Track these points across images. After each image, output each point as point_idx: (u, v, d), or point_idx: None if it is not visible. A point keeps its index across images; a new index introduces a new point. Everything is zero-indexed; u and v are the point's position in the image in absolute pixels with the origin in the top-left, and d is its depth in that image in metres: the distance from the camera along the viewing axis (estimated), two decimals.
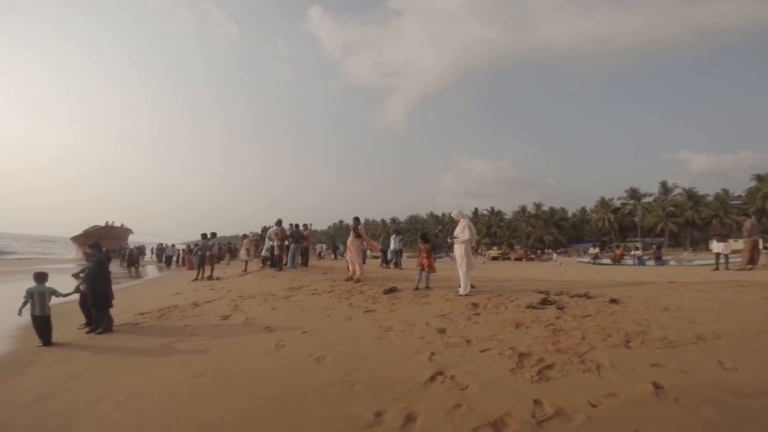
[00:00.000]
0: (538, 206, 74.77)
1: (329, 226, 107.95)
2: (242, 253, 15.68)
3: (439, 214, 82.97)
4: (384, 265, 13.65)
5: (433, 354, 3.26)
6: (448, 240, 9.73)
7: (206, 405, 2.64)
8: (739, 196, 55.28)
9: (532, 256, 33.87)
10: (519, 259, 30.98)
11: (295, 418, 2.34)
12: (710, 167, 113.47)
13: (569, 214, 74.53)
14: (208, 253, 12.61)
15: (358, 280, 8.20)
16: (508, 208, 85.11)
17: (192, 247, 18.73)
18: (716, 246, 10.81)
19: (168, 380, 3.18)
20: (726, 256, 10.51)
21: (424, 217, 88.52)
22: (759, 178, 53.61)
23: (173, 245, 26.04)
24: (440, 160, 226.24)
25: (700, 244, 47.21)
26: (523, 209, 75.40)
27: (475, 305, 5.22)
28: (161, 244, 26.37)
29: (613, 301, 5.03)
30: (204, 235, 13.14)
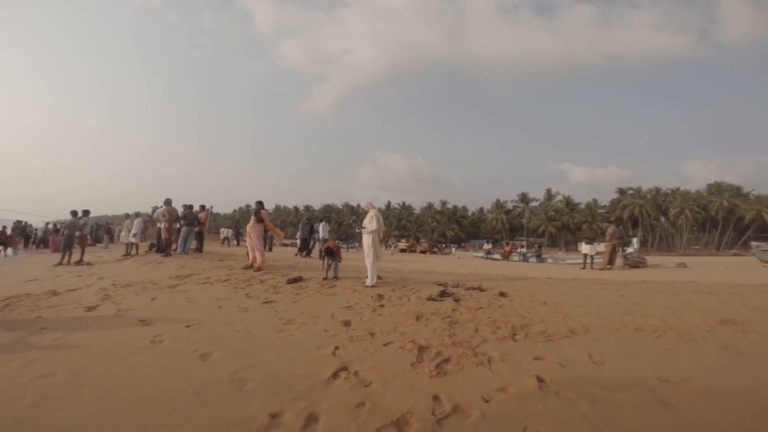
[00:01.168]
0: (443, 204, 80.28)
1: (235, 210, 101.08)
2: (122, 235, 13.69)
3: (355, 204, 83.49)
4: (301, 254, 13.10)
5: (337, 348, 3.12)
6: (356, 230, 9.70)
7: (57, 409, 2.12)
8: (605, 205, 66.35)
9: (435, 249, 35.99)
10: (424, 251, 32.65)
11: (171, 422, 1.99)
12: (585, 179, 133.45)
13: (469, 213, 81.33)
14: (77, 234, 10.71)
15: (259, 269, 7.68)
16: (418, 204, 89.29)
17: (58, 226, 15.81)
18: (584, 248, 12.69)
19: (6, 381, 2.52)
20: (591, 257, 12.40)
21: (339, 206, 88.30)
22: (621, 191, 65.11)
23: (27, 222, 21.55)
24: (360, 153, 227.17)
25: (571, 245, 55.41)
26: (430, 206, 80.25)
27: (380, 296, 5.23)
28: (20, 222, 21.61)
29: (502, 294, 5.48)
30: (74, 213, 11.10)
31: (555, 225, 64.84)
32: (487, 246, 24.15)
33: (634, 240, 16.12)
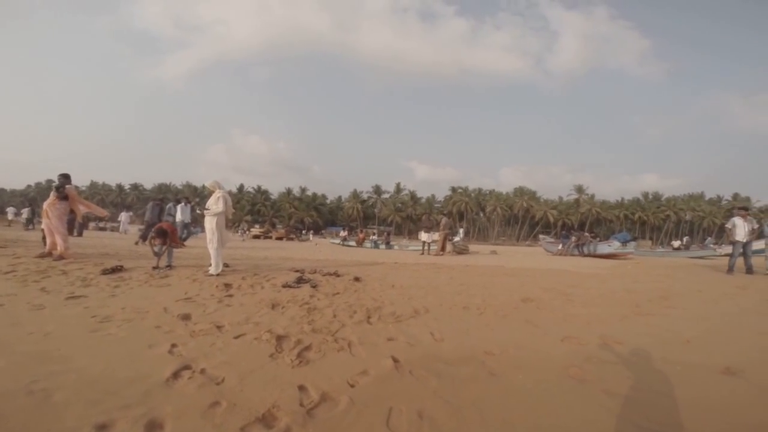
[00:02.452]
0: (303, 190, 79.27)
1: (29, 186, 78.10)
2: None
3: (199, 185, 74.50)
4: (144, 242, 10.73)
5: (174, 345, 2.67)
6: (198, 211, 8.62)
7: None
8: (440, 200, 76.46)
9: (293, 236, 35.30)
10: (280, 238, 31.60)
11: None
12: (428, 176, 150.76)
13: (328, 201, 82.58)
14: None
15: (61, 257, 6.10)
16: (275, 189, 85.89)
17: None
18: (423, 236, 14.34)
19: None
20: (429, 244, 14.10)
21: (179, 186, 77.47)
22: (453, 189, 75.98)
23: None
24: (213, 130, 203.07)
25: (413, 234, 61.99)
26: (289, 191, 78.23)
27: (227, 286, 4.77)
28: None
29: (357, 279, 5.71)
30: None
31: (401, 215, 71.67)
32: (343, 233, 24.97)
33: (460, 230, 19.14)
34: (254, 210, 72.18)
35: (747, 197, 64.65)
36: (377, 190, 78.34)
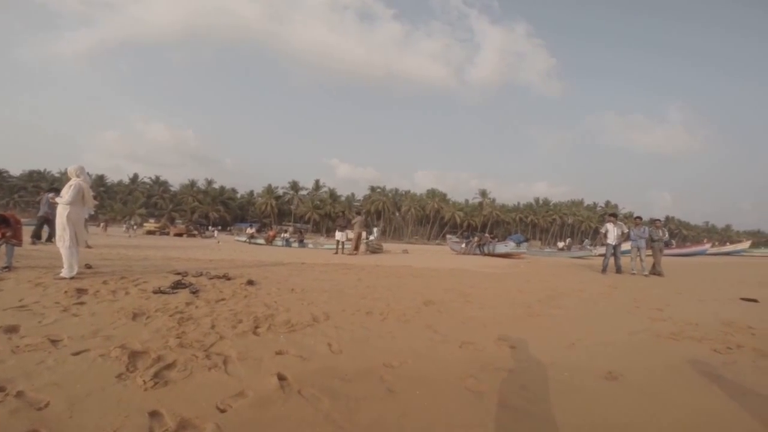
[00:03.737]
0: (209, 183, 73.14)
1: None
2: None
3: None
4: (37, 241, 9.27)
5: None
6: (51, 202, 7.23)
7: None
8: (359, 199, 76.84)
9: (195, 232, 32.08)
10: (179, 234, 28.54)
11: None
12: (348, 175, 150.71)
13: (238, 195, 77.44)
14: None
15: None
16: (177, 180, 78.00)
17: None
18: (338, 234, 13.99)
19: None
20: (343, 243, 13.78)
21: (56, 174, 65.71)
22: (372, 189, 76.88)
23: None
24: (104, 115, 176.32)
25: (332, 232, 61.30)
26: (193, 183, 71.62)
27: (80, 291, 3.91)
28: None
29: (250, 282, 5.10)
30: None
31: (319, 213, 70.36)
32: (250, 230, 23.29)
33: (375, 230, 19.20)
34: (150, 203, 64.48)
35: (615, 204, 76.95)
36: (294, 186, 75.75)
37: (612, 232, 9.65)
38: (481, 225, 71.65)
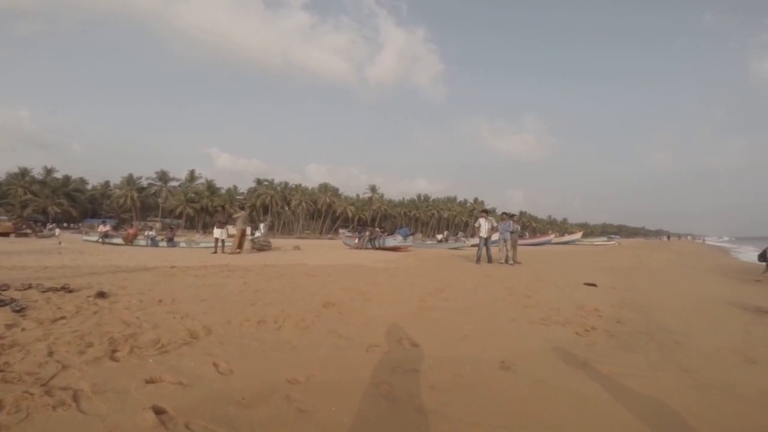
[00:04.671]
0: (48, 171, 59.24)
1: None
2: None
3: None
4: None
5: None
6: None
7: None
8: (243, 192, 71.29)
9: (28, 230, 25.41)
10: (5, 234, 22.33)
11: None
12: (231, 165, 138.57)
13: (89, 187, 64.60)
14: None
15: None
16: (3, 168, 61.43)
17: None
18: (216, 232, 12.61)
19: None
20: (223, 241, 12.47)
21: None
22: (258, 181, 72.06)
23: None
24: None
25: (208, 228, 55.63)
26: (25, 172, 57.12)
27: None
28: None
29: (101, 294, 4.11)
30: None
31: (194, 207, 63.08)
32: (103, 227, 19.33)
33: (262, 225, 17.93)
34: None
35: (483, 201, 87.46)
36: (163, 176, 66.18)
37: (484, 226, 10.78)
38: (371, 219, 73.83)
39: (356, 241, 18.05)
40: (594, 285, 6.64)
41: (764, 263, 11.06)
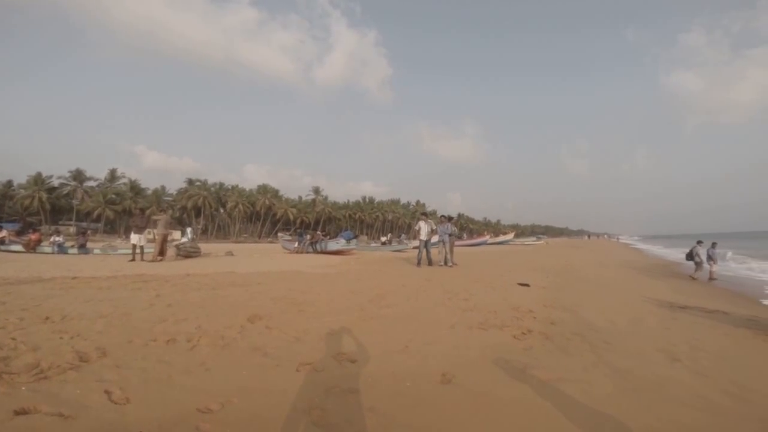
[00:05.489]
0: None
1: None
2: None
3: None
4: None
5: None
6: None
7: None
8: (172, 193, 65.91)
9: None
10: None
11: None
12: (159, 165, 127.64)
13: None
14: None
15: None
16: None
17: None
18: (133, 237, 11.31)
19: None
20: (142, 248, 11.20)
21: None
22: (190, 181, 67.02)
23: None
24: None
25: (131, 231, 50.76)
26: None
27: None
28: None
29: None
30: None
31: (115, 209, 57.06)
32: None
33: (188, 230, 16.51)
34: None
35: (424, 203, 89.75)
36: (78, 175, 58.97)
37: (424, 228, 10.82)
38: (314, 222, 72.19)
39: (296, 245, 17.34)
40: (527, 285, 6.86)
41: (692, 262, 12.47)
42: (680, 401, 2.27)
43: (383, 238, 29.93)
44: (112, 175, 61.67)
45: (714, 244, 12.51)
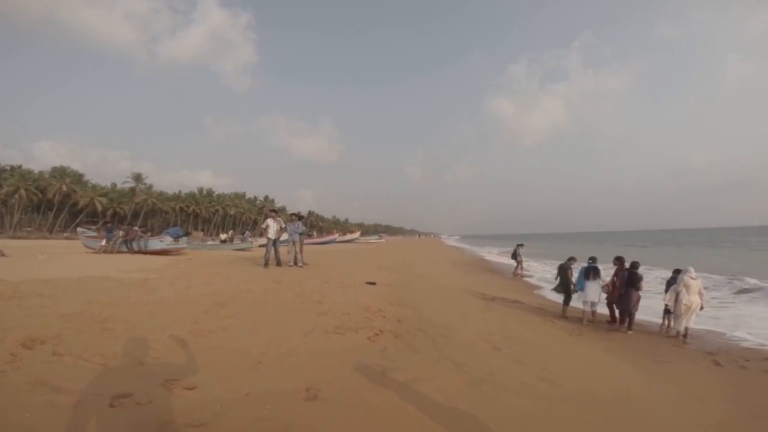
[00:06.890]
0: None
1: None
2: None
3: None
4: None
5: None
6: None
7: None
8: None
9: None
10: None
11: None
12: None
13: None
14: None
15: None
16: None
17: None
18: None
19: None
20: None
21: None
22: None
23: None
24: None
25: None
26: None
27: None
28: None
29: None
30: None
31: None
32: None
33: None
34: None
35: (273, 199, 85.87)
36: None
37: (272, 226, 10.20)
38: (132, 214, 60.17)
39: (103, 242, 13.95)
40: (374, 283, 7.16)
41: (514, 261, 15.10)
42: (511, 390, 2.62)
43: (223, 236, 27.28)
44: None
45: (520, 246, 15.67)
